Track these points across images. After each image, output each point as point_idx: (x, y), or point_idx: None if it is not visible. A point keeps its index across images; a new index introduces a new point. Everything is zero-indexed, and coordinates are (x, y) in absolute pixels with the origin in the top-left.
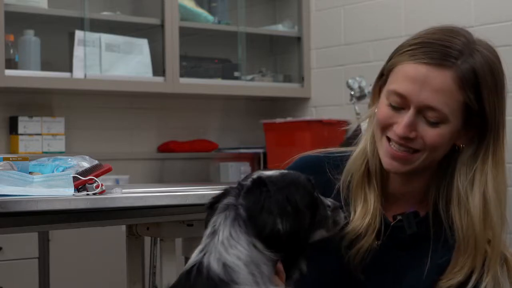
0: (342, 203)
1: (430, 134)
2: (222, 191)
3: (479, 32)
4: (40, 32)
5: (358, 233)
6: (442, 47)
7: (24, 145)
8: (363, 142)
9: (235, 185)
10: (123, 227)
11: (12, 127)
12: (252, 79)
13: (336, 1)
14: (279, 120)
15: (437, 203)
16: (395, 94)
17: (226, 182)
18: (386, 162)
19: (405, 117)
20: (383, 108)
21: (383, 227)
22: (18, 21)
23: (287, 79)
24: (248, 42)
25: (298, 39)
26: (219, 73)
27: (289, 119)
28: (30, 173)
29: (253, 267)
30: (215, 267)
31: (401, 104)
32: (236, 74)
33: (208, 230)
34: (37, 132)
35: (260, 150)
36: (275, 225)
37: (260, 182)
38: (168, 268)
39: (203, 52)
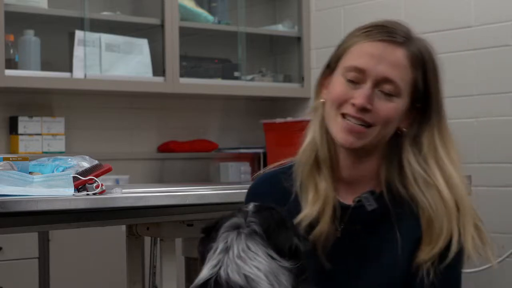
0: (300, 202)
1: (384, 107)
2: (216, 220)
3: (479, 32)
4: (40, 32)
5: (310, 219)
6: (393, 29)
7: (24, 145)
8: (311, 134)
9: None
10: (123, 227)
11: (12, 127)
12: (252, 79)
13: (336, 1)
14: (279, 120)
15: (389, 182)
16: (354, 69)
17: (226, 182)
18: (342, 137)
19: (364, 89)
20: (339, 85)
21: (343, 211)
22: (18, 21)
23: (287, 79)
24: (248, 42)
25: (298, 39)
26: (219, 73)
27: (289, 119)
28: (30, 173)
29: (272, 278)
30: (236, 278)
31: (358, 78)
32: (236, 74)
33: (220, 247)
34: (37, 132)
35: (260, 150)
36: (293, 240)
37: (265, 206)
38: (168, 268)
39: (203, 52)
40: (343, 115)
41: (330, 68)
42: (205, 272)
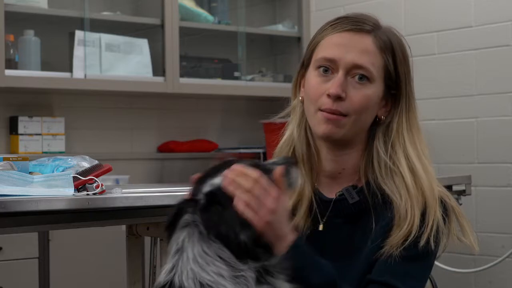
0: None
1: (358, 94)
2: (176, 209)
3: (479, 32)
4: (40, 32)
5: None
6: (360, 19)
7: (24, 145)
8: (289, 131)
9: (187, 199)
10: (123, 227)
11: (12, 127)
12: (252, 79)
13: (336, 1)
14: (279, 120)
15: (367, 176)
16: (324, 60)
17: None
18: (321, 128)
19: (336, 79)
20: (313, 79)
21: (325, 205)
22: (18, 21)
23: (287, 79)
24: (248, 42)
25: (298, 39)
26: (219, 73)
27: (289, 119)
28: (30, 173)
29: (238, 279)
30: (191, 286)
31: (330, 69)
32: (236, 74)
33: (173, 249)
34: (37, 132)
35: (260, 150)
36: (237, 237)
37: (212, 197)
38: None
39: (203, 52)
40: (321, 110)
41: (304, 66)
42: (161, 278)
